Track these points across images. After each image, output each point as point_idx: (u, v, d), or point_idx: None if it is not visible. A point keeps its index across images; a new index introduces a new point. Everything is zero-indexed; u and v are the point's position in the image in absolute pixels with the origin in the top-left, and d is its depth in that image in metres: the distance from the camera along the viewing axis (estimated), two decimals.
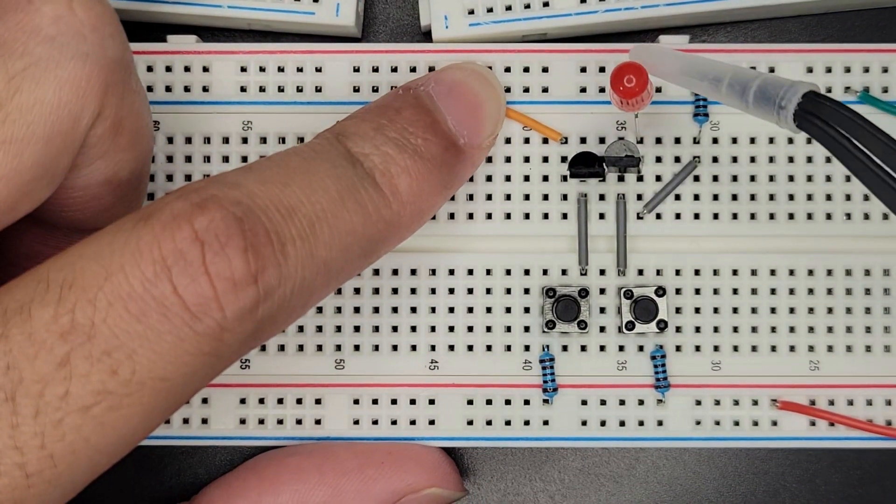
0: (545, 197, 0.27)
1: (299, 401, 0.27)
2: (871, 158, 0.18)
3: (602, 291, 0.27)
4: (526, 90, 0.27)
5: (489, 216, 0.27)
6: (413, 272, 0.27)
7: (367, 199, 0.22)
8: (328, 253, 0.21)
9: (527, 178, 0.27)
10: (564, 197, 0.27)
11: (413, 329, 0.27)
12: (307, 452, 0.27)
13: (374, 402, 0.27)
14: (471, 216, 0.27)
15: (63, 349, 0.18)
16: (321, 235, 0.21)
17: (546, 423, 0.27)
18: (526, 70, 0.27)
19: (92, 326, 0.18)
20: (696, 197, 0.27)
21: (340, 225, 0.21)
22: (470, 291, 0.27)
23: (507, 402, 0.27)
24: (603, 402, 0.27)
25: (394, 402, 0.27)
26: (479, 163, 0.26)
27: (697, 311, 0.27)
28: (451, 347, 0.27)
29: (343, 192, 0.21)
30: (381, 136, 0.23)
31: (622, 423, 0.27)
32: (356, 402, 0.27)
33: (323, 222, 0.21)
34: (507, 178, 0.27)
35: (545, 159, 0.27)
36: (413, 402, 0.27)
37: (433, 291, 0.27)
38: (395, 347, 0.27)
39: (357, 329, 0.27)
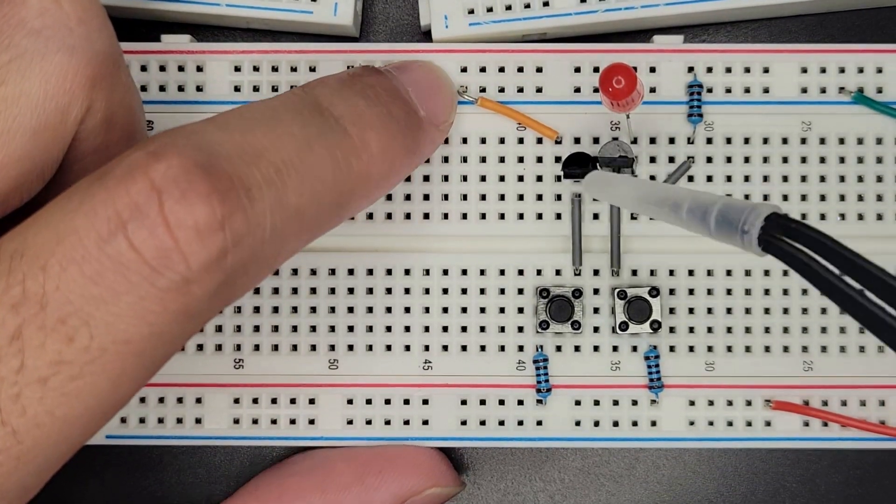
0: (539, 197, 0.27)
1: (293, 401, 0.27)
2: (839, 276, 0.17)
3: (596, 292, 0.27)
4: (520, 90, 0.27)
5: (483, 216, 0.27)
6: (407, 272, 0.27)
7: (337, 146, 0.21)
8: (298, 199, 0.20)
9: (521, 179, 0.27)
10: (558, 197, 0.27)
11: (407, 329, 0.27)
12: (306, 471, 0.27)
13: (368, 402, 0.27)
14: (464, 216, 0.27)
15: (15, 321, 0.17)
16: (289, 181, 0.20)
17: (540, 423, 0.27)
18: (520, 70, 0.27)
19: (43, 295, 0.17)
20: None
21: (309, 171, 0.20)
22: (464, 291, 0.27)
23: (501, 402, 0.27)
24: (596, 403, 0.27)
25: (387, 402, 0.27)
26: (438, 143, 0.26)
27: (691, 311, 0.27)
28: (445, 347, 0.27)
29: (311, 137, 0.21)
30: (348, 90, 0.22)
31: (616, 424, 0.27)
32: (350, 402, 0.27)
33: (290, 168, 0.20)
34: (501, 178, 0.27)
35: (539, 159, 0.27)
36: (407, 402, 0.27)
37: (427, 291, 0.27)
38: (388, 347, 0.27)
39: (351, 329, 0.27)
